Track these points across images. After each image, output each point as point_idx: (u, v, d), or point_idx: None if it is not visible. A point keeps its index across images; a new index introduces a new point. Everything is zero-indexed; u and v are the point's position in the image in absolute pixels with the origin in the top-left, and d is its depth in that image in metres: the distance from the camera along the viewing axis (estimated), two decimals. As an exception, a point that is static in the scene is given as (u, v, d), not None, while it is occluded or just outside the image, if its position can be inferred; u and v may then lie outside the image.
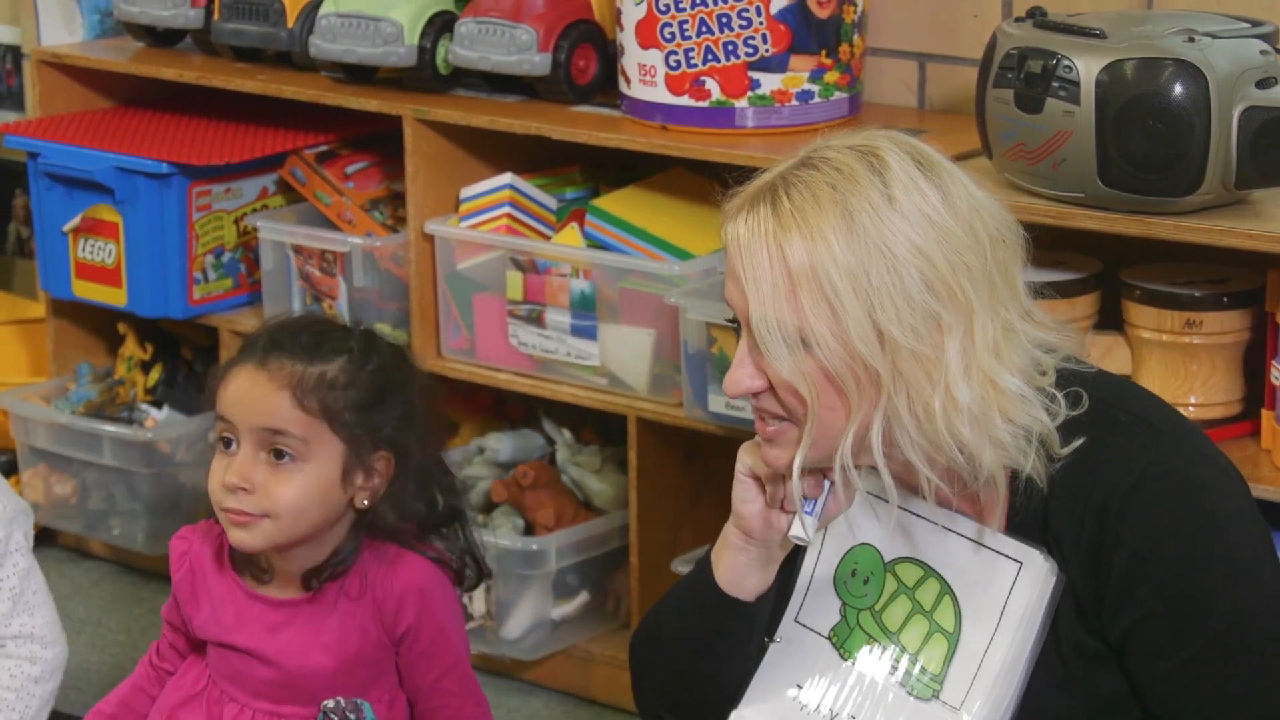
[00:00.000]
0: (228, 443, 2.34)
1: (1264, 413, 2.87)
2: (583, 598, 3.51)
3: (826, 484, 2.14)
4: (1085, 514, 2.12)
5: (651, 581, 3.45)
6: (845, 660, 2.20)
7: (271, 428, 2.32)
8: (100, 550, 4.06)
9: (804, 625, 2.23)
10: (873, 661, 2.18)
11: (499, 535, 3.47)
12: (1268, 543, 2.15)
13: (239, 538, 2.35)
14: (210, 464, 2.36)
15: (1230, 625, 2.09)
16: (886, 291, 2.04)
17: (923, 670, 2.15)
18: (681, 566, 3.35)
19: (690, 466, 3.47)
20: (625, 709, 3.49)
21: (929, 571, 2.17)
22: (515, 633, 3.46)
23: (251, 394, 2.33)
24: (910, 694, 2.15)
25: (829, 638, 2.21)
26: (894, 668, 2.17)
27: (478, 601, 3.45)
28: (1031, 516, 2.15)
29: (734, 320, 2.13)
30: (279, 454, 2.33)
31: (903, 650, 2.17)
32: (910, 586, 2.18)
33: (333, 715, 2.41)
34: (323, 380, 2.33)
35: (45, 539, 4.11)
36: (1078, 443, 2.12)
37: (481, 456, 3.68)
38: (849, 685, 2.19)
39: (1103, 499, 2.11)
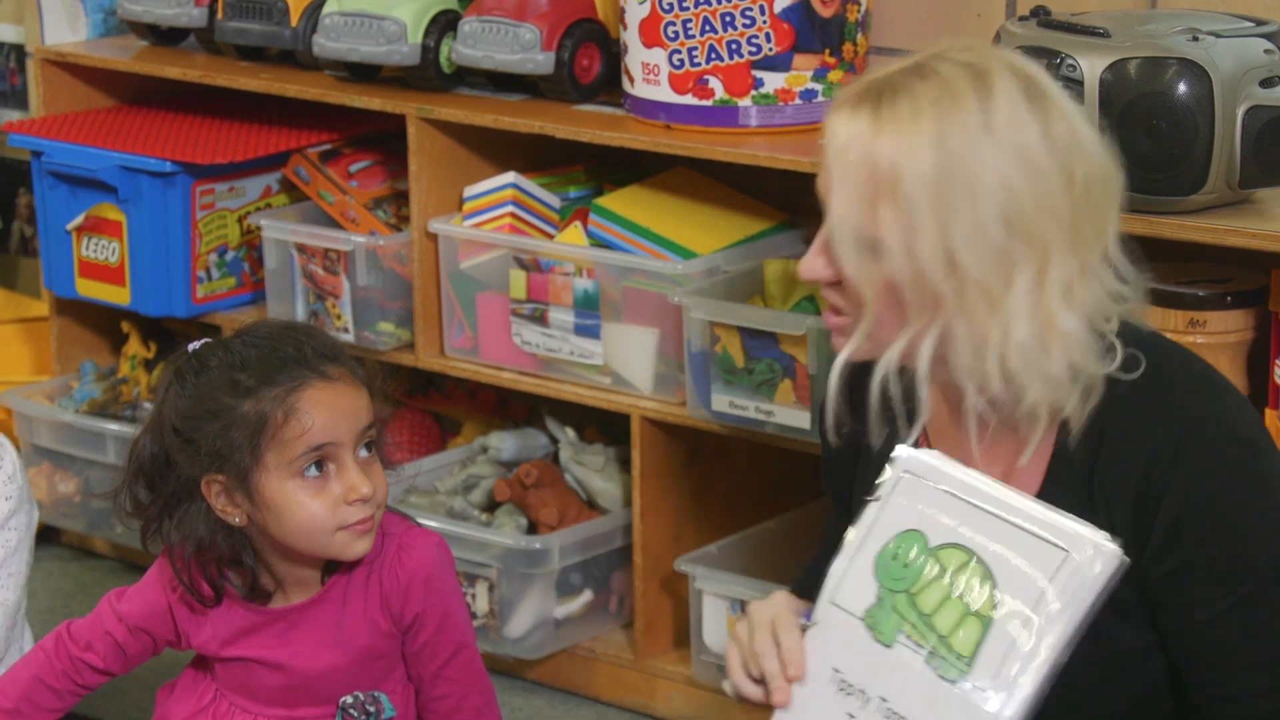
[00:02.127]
0: (320, 469, 2.29)
1: (1268, 411, 2.87)
2: (586, 597, 3.51)
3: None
4: (1135, 458, 2.13)
5: (654, 580, 3.45)
6: (879, 643, 2.20)
7: (366, 424, 2.32)
8: (103, 549, 4.07)
9: (839, 606, 2.23)
10: (906, 644, 2.18)
11: (502, 534, 3.47)
12: None
13: (365, 545, 2.33)
14: (294, 502, 2.29)
15: (1271, 581, 2.11)
16: (964, 218, 2.05)
17: (955, 653, 2.15)
18: (685, 566, 3.35)
19: (693, 465, 3.47)
20: (628, 708, 3.50)
21: (971, 555, 2.17)
22: (518, 631, 3.46)
23: (342, 405, 2.30)
24: (941, 676, 2.15)
25: (863, 619, 2.21)
26: (925, 650, 2.17)
27: (481, 600, 3.45)
28: (1077, 458, 2.16)
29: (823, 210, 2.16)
30: (368, 447, 2.32)
31: (934, 632, 2.17)
32: (951, 570, 2.18)
33: (351, 711, 2.40)
34: (360, 366, 2.36)
35: (48, 537, 4.11)
36: (1134, 375, 2.13)
37: (484, 455, 3.67)
38: (883, 667, 2.19)
39: (1155, 444, 2.12)
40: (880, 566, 2.21)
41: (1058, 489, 2.20)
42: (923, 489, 2.17)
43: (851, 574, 2.22)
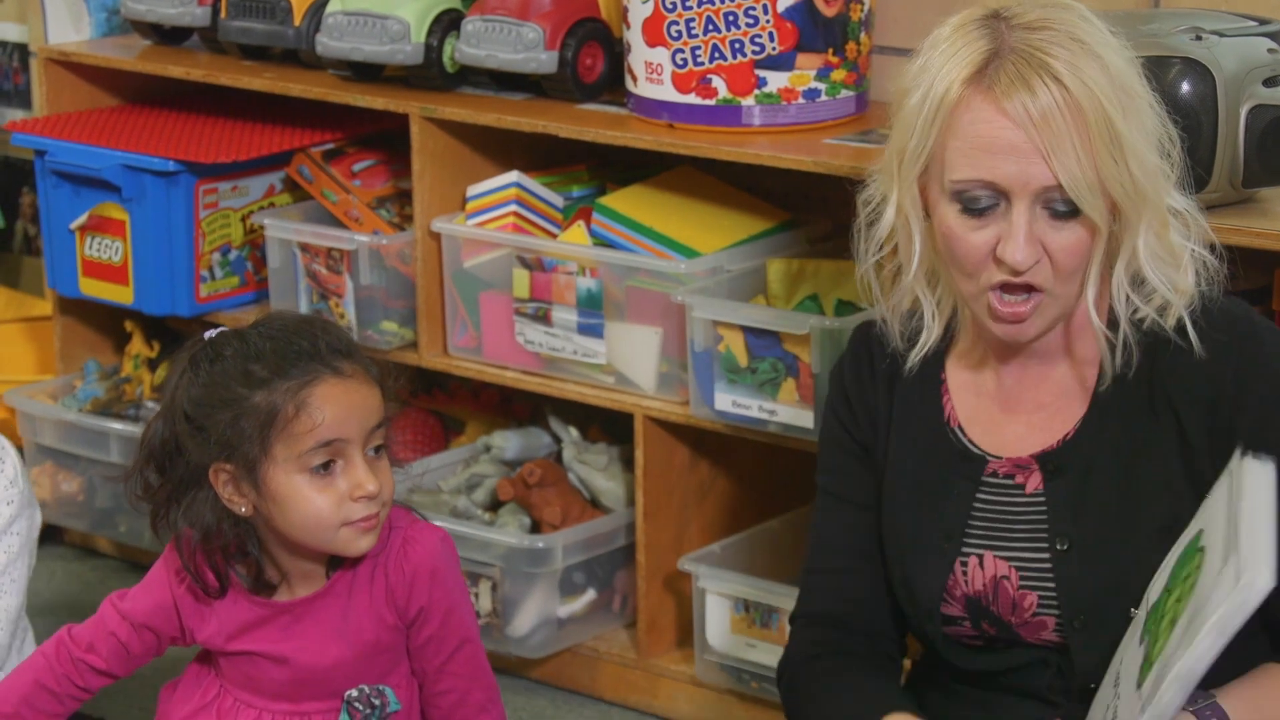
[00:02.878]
0: (328, 465, 2.29)
1: (1271, 411, 2.87)
2: (589, 596, 3.51)
3: None
4: (1197, 365, 2.22)
5: (658, 580, 3.45)
6: (1135, 637, 2.21)
7: (376, 422, 2.32)
8: (107, 548, 4.07)
9: (1145, 604, 2.25)
10: (1141, 631, 2.19)
11: (505, 533, 3.47)
12: None
13: (368, 542, 2.33)
14: (300, 496, 2.29)
15: None
16: (1141, 125, 2.20)
17: (1151, 632, 2.17)
18: (688, 565, 3.35)
19: (697, 465, 3.47)
20: (631, 706, 3.50)
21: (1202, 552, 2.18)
22: (522, 630, 3.46)
23: (353, 402, 2.30)
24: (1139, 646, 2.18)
25: (1143, 617, 2.23)
26: (1145, 638, 2.18)
27: (484, 599, 3.45)
28: (1130, 370, 2.25)
29: (972, 207, 2.20)
30: (377, 448, 2.33)
31: (1155, 615, 2.19)
32: (1195, 566, 2.19)
33: (357, 704, 2.40)
34: (375, 364, 2.36)
35: (52, 536, 4.11)
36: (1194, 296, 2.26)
37: (488, 454, 3.68)
38: (1130, 659, 2.20)
39: (1216, 349, 2.22)
40: (1173, 566, 2.21)
41: (1107, 405, 2.27)
42: (1221, 492, 2.18)
43: (1159, 576, 2.23)
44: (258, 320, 2.38)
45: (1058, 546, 2.27)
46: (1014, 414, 2.33)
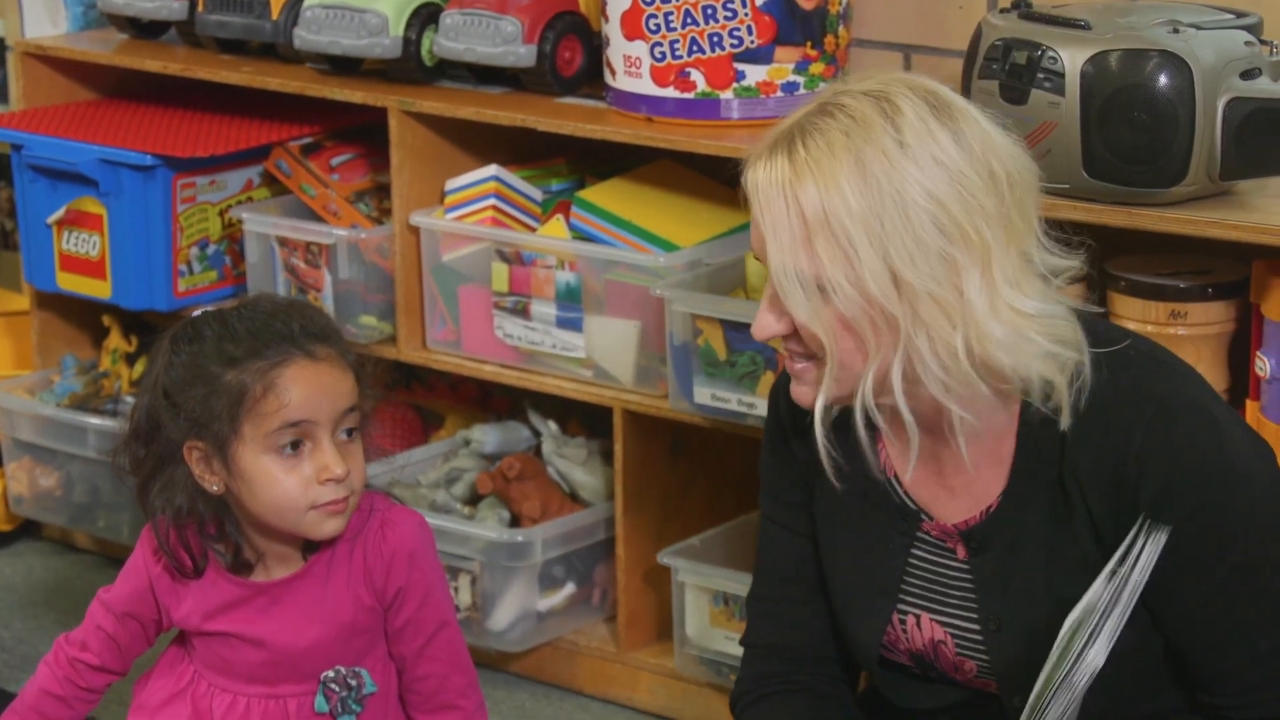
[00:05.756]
0: (296, 445, 2.31)
1: (1248, 403, 2.88)
2: (569, 589, 3.51)
3: None
4: (1104, 445, 2.15)
5: (637, 573, 3.45)
6: None
7: (346, 407, 2.33)
8: (85, 543, 4.06)
9: None
10: None
11: (485, 527, 3.47)
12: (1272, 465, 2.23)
13: (335, 526, 2.34)
14: (268, 476, 2.30)
15: (1256, 543, 2.15)
16: (900, 237, 2.07)
17: None
18: (667, 559, 3.35)
19: (676, 458, 3.47)
20: (611, 700, 3.50)
21: None
22: (501, 624, 3.46)
23: (323, 384, 2.31)
24: None
25: None
26: None
27: (463, 593, 3.45)
28: (1044, 448, 2.18)
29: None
30: (348, 432, 2.34)
31: None
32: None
33: (333, 685, 2.41)
34: (353, 350, 2.38)
35: (30, 531, 4.11)
36: (1110, 349, 2.17)
37: (467, 448, 3.68)
38: None
39: (1124, 429, 2.15)
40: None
41: (1024, 483, 2.21)
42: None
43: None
44: (241, 302, 2.40)
45: (990, 627, 2.25)
46: (940, 477, 2.28)
